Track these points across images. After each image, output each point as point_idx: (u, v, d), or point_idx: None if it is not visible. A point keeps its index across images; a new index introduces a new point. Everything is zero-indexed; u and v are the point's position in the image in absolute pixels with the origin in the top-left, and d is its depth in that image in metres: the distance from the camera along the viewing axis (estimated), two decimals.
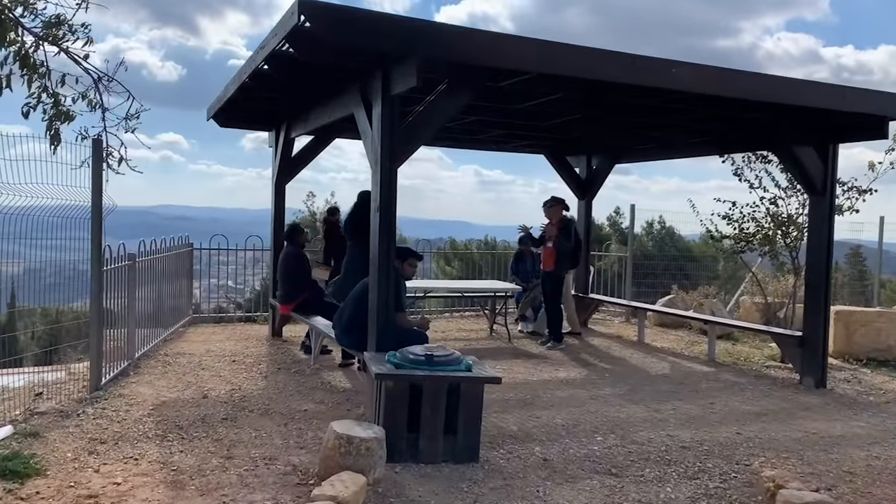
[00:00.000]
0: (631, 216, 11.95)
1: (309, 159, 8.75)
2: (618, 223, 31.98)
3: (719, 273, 16.74)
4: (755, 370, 7.89)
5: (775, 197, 8.78)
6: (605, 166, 10.24)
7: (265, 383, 6.37)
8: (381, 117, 5.06)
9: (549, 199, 8.73)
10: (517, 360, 7.88)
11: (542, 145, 10.01)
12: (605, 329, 10.45)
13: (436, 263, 15.35)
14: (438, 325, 10.31)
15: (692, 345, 9.38)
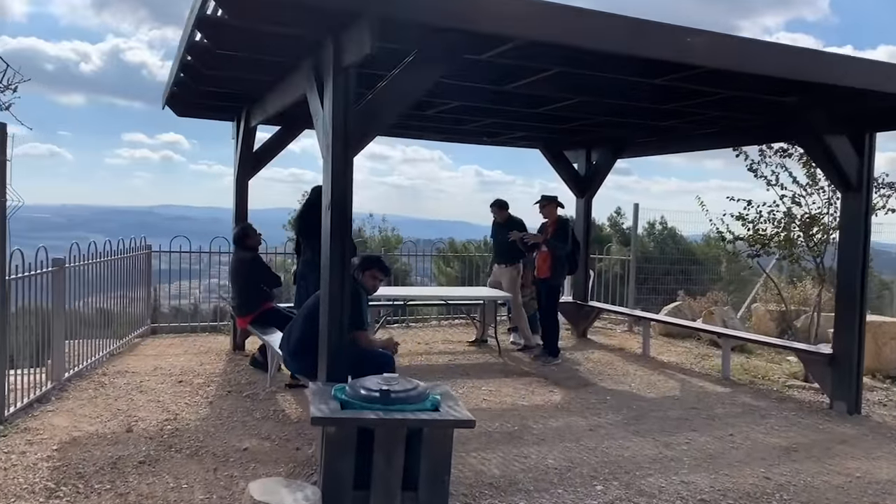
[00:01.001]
0: (634, 216, 11.04)
1: (274, 152, 7.82)
2: (618, 223, 31.08)
3: (722, 275, 15.82)
4: (776, 391, 6.96)
5: (796, 195, 7.85)
6: (606, 161, 9.31)
7: (208, 411, 5.44)
8: (334, 95, 4.14)
9: (542, 198, 7.85)
10: (507, 379, 6.95)
11: (537, 138, 9.09)
12: (606, 340, 9.52)
13: (435, 265, 14.45)
14: (423, 335, 9.39)
15: (702, 359, 8.46)
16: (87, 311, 7.10)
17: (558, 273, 7.74)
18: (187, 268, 9.38)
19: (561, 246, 7.56)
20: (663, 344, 9.35)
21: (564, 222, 7.83)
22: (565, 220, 7.90)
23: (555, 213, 7.80)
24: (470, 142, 9.62)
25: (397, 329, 9.85)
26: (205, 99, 6.95)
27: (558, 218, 7.82)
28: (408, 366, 7.38)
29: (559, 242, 7.56)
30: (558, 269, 7.69)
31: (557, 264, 7.63)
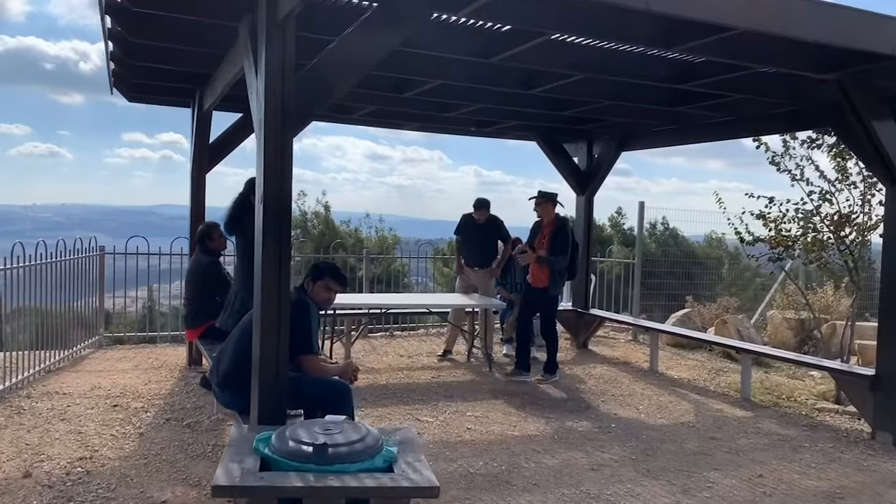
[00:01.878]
0: (639, 216, 10.12)
1: (235, 143, 6.93)
2: (620, 224, 30.19)
3: (723, 276, 14.93)
4: (805, 415, 6.06)
5: (825, 191, 6.97)
6: (609, 154, 8.42)
7: (134, 446, 4.55)
8: (268, 57, 3.26)
9: (539, 194, 6.86)
10: (496, 402, 6.06)
11: (533, 128, 8.18)
12: (609, 351, 8.63)
13: (434, 266, 13.61)
14: (407, 345, 8.49)
15: (716, 374, 7.57)
16: (23, 320, 6.25)
17: (557, 282, 6.74)
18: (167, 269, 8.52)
19: (560, 259, 6.54)
20: (672, 356, 8.46)
21: (563, 224, 6.74)
22: (565, 222, 6.81)
23: (552, 213, 6.78)
24: (456, 131, 8.72)
25: (380, 339, 8.96)
26: (151, 79, 6.07)
27: (556, 218, 6.77)
28: (385, 385, 6.49)
29: (558, 254, 6.54)
30: (557, 277, 6.70)
31: (557, 272, 6.67)
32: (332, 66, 3.36)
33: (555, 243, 6.57)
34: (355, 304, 7.06)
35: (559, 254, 6.54)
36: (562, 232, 6.63)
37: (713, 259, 16.04)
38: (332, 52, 3.36)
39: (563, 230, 6.66)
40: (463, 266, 7.86)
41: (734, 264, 16.68)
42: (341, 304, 6.68)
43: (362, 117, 7.37)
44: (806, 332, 9.44)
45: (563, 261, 6.57)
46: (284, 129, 3.27)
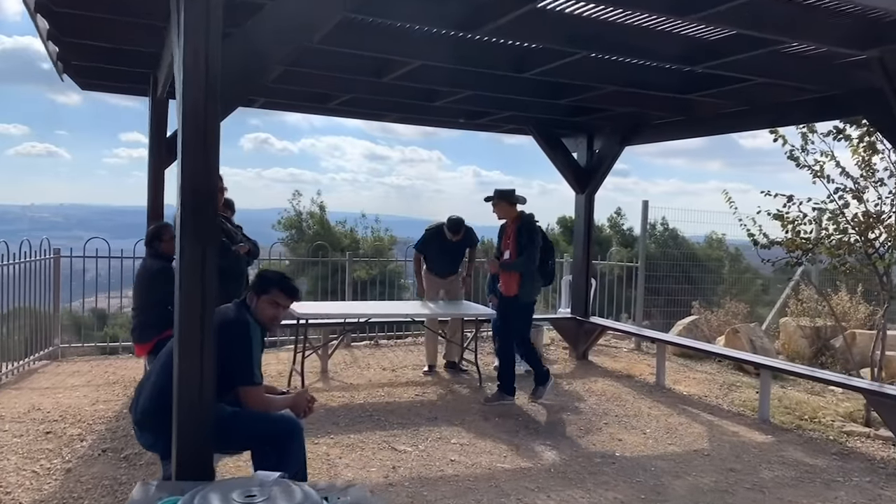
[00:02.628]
0: (643, 216, 9.43)
1: None
2: (619, 224, 29.56)
3: (727, 278, 14.25)
4: (833, 440, 5.39)
5: (855, 189, 6.29)
6: (612, 149, 7.74)
7: (56, 485, 3.88)
8: (187, 21, 2.58)
9: (495, 192, 6.01)
10: (485, 425, 5.38)
11: (528, 119, 7.50)
12: (611, 362, 7.95)
13: None
14: (393, 356, 7.82)
15: (728, 389, 6.89)
16: None
17: (529, 288, 5.88)
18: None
19: (525, 260, 5.76)
20: (679, 368, 7.78)
21: (526, 222, 5.90)
22: (528, 219, 5.94)
23: (511, 212, 5.94)
24: (445, 123, 8.04)
25: (363, 349, 8.29)
26: (95, 60, 5.39)
27: (520, 216, 5.94)
28: (362, 404, 5.81)
29: (523, 259, 5.75)
30: (528, 282, 5.85)
31: (527, 278, 5.85)
32: (266, 31, 2.70)
33: (518, 244, 5.82)
34: (328, 314, 6.35)
35: (528, 253, 5.77)
36: (524, 230, 5.83)
37: (715, 261, 15.40)
38: (266, 13, 2.70)
39: (526, 228, 5.84)
40: (425, 279, 7.21)
41: (735, 266, 16.03)
42: (313, 313, 6.01)
43: (340, 106, 6.70)
44: (822, 342, 8.77)
45: (528, 262, 5.77)
46: (207, 103, 2.60)
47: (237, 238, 4.45)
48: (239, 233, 4.55)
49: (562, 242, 24.51)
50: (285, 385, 6.30)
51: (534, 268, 5.83)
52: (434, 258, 7.14)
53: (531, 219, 5.97)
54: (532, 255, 5.78)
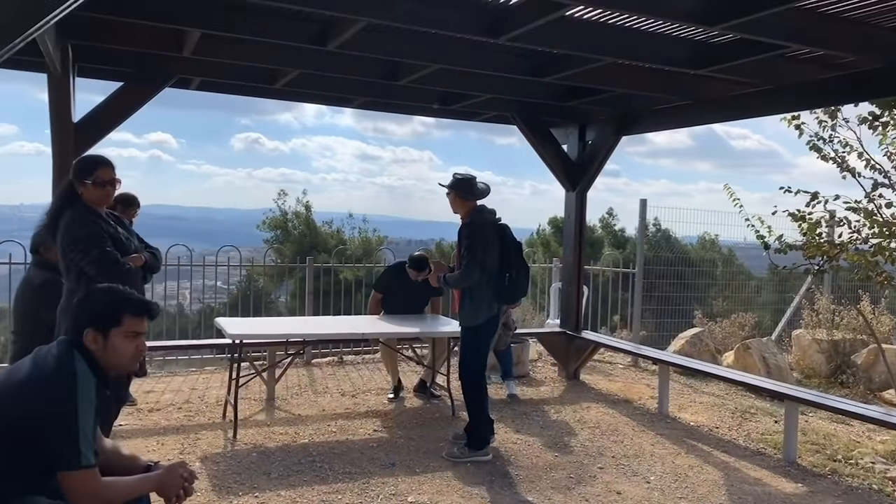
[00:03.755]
0: (641, 217, 8.45)
1: (117, 117, 5.23)
2: (611, 225, 28.69)
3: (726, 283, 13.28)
4: (878, 490, 4.43)
5: (891, 184, 5.35)
6: (606, 140, 6.77)
7: None
8: None
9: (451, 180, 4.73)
10: (454, 472, 4.38)
11: (511, 105, 6.52)
12: (606, 383, 6.98)
13: None
14: (357, 377, 6.82)
15: (742, 418, 5.94)
16: None
17: (470, 310, 4.56)
18: None
19: (468, 272, 4.43)
20: (683, 390, 6.82)
21: (472, 222, 4.56)
22: (476, 218, 4.58)
23: (464, 207, 4.62)
24: (414, 109, 7.04)
25: (325, 368, 7.28)
26: None
27: (470, 213, 4.63)
28: (307, 444, 4.80)
29: (467, 264, 4.43)
30: (475, 300, 4.53)
31: (468, 296, 4.56)
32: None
33: (460, 250, 4.55)
34: (265, 335, 5.29)
35: (468, 263, 4.41)
36: (465, 232, 4.52)
37: (709, 263, 14.43)
38: None
39: (471, 230, 4.50)
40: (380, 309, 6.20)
41: (728, 268, 15.07)
42: (247, 334, 4.99)
43: (288, 87, 5.70)
44: (841, 357, 7.84)
45: (465, 275, 4.47)
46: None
47: (130, 247, 3.46)
48: (133, 240, 3.55)
49: (553, 243, 23.60)
50: (219, 416, 5.29)
51: (472, 280, 4.45)
52: (393, 301, 6.09)
53: (480, 216, 4.58)
54: (470, 268, 4.41)
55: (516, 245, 4.66)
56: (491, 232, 4.59)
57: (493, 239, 4.56)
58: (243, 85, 5.91)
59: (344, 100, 6.45)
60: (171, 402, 5.79)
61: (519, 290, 4.66)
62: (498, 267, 4.54)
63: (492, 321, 4.59)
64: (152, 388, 6.30)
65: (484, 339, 4.62)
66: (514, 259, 4.60)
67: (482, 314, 4.56)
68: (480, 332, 4.60)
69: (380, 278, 6.24)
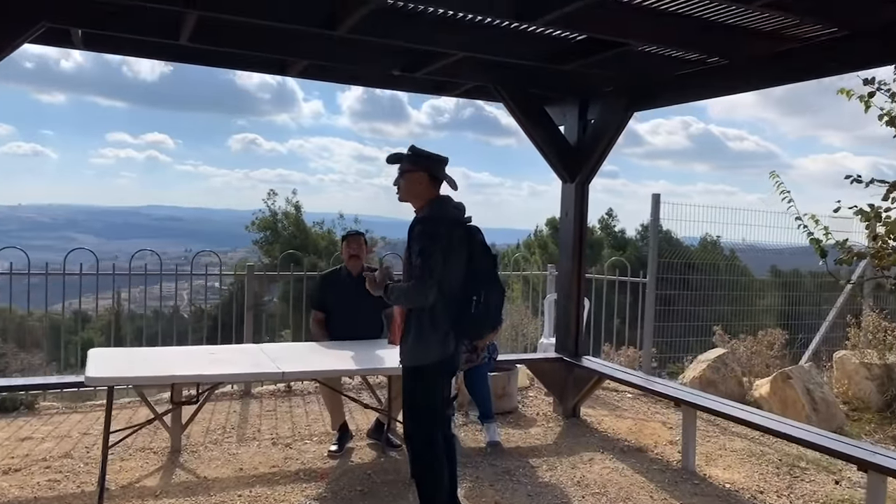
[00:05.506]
0: (653, 216, 7.04)
1: None
2: (611, 226, 27.35)
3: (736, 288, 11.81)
4: None
5: None
6: (614, 117, 5.38)
7: None
8: None
9: (401, 154, 3.38)
10: None
11: (491, 71, 5.12)
12: (612, 422, 5.60)
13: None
14: (299, 415, 5.44)
15: (792, 475, 4.56)
16: None
17: (426, 341, 3.17)
18: None
19: (418, 288, 3.09)
20: (709, 430, 5.44)
21: (427, 218, 3.23)
22: (437, 212, 3.25)
23: (423, 195, 3.28)
24: (367, 78, 5.62)
25: (268, 398, 5.90)
26: None
27: (429, 204, 3.28)
28: None
29: (416, 276, 3.10)
30: (425, 331, 3.16)
31: (425, 321, 3.16)
32: None
33: (409, 256, 3.20)
34: (140, 377, 3.79)
35: (420, 275, 3.08)
36: (422, 232, 3.15)
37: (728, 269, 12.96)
38: None
39: (427, 229, 3.15)
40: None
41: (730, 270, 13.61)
42: (118, 378, 3.60)
43: (194, 44, 4.31)
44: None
45: (423, 292, 3.08)
46: None
47: None
48: None
49: (551, 245, 22.23)
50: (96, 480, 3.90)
51: (424, 301, 3.09)
52: (338, 320, 4.71)
53: (443, 210, 3.24)
54: (423, 283, 3.06)
55: (489, 256, 3.28)
56: (456, 234, 3.21)
57: (457, 244, 3.19)
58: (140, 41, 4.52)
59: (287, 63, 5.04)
60: (46, 455, 4.40)
61: (488, 320, 3.26)
62: (461, 285, 3.16)
63: (445, 364, 3.21)
64: (35, 431, 4.92)
65: (432, 388, 3.23)
66: (483, 275, 3.21)
67: (432, 351, 3.16)
68: (427, 377, 3.20)
69: (312, 290, 4.87)
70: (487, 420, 4.92)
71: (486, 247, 3.27)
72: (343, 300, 4.65)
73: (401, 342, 3.26)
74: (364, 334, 4.65)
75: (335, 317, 4.77)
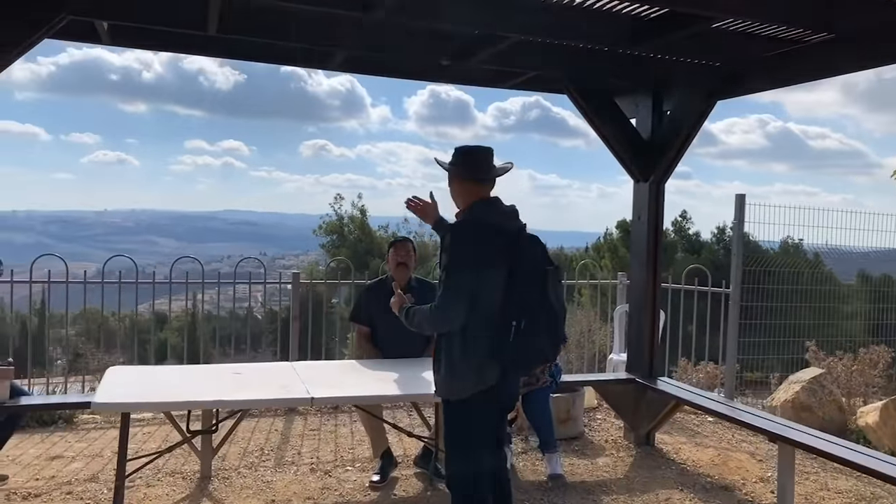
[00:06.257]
0: (737, 218, 6.27)
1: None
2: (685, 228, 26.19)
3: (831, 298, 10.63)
4: None
5: None
6: (694, 107, 4.74)
7: None
8: None
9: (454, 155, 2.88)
10: None
11: (553, 59, 4.58)
12: (690, 451, 4.95)
13: None
14: (344, 436, 5.03)
15: None
16: None
17: (460, 371, 2.68)
18: None
19: (423, 315, 2.75)
20: (805, 463, 4.71)
21: (466, 222, 2.77)
22: (476, 215, 2.76)
23: (463, 196, 2.84)
24: (418, 73, 5.13)
25: (313, 415, 5.52)
26: None
27: (470, 207, 2.80)
28: None
29: (424, 309, 2.76)
30: (457, 360, 2.67)
31: (455, 348, 2.67)
32: None
33: (450, 254, 2.68)
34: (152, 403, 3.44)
35: (444, 292, 2.65)
36: (452, 240, 2.70)
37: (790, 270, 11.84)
38: None
39: (457, 236, 2.71)
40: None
41: (815, 278, 12.41)
42: (117, 402, 3.23)
43: (220, 35, 3.95)
44: None
45: (447, 313, 2.63)
46: None
47: None
48: None
49: (621, 249, 21.31)
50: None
51: (448, 324, 2.65)
52: (383, 336, 4.28)
53: (485, 213, 2.74)
54: (447, 301, 2.62)
55: (538, 273, 2.68)
56: (496, 242, 2.67)
57: (497, 256, 2.65)
58: (167, 35, 4.20)
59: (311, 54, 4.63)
60: (71, 478, 4.12)
61: (532, 351, 2.67)
62: (501, 308, 2.62)
63: (485, 397, 2.68)
64: (67, 448, 4.67)
65: (470, 425, 2.72)
66: (528, 295, 2.63)
67: (466, 383, 2.67)
68: (465, 413, 2.71)
69: (356, 303, 4.46)
70: (549, 450, 4.36)
71: (537, 261, 2.71)
72: (389, 313, 4.19)
73: (433, 369, 2.78)
74: (412, 352, 4.20)
75: (380, 332, 4.34)
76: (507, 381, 2.71)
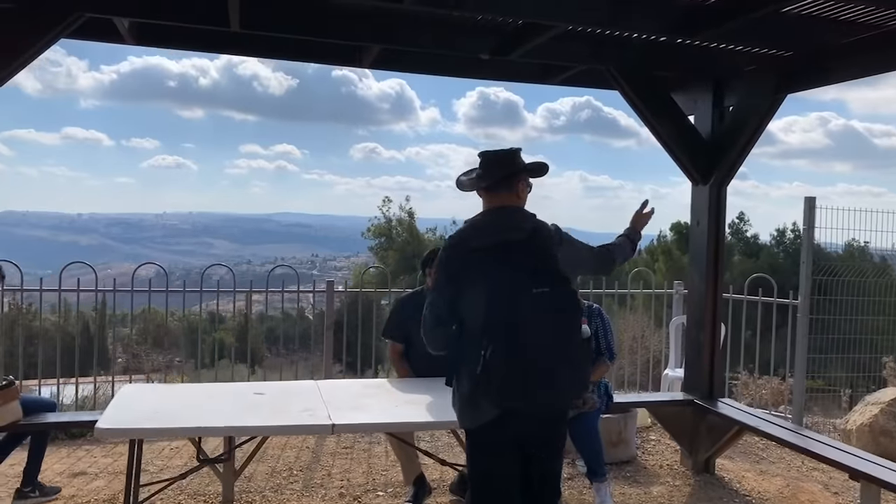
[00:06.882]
0: (807, 222, 5.72)
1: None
2: (742, 230, 25.39)
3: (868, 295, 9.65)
4: None
5: None
6: (759, 102, 4.29)
7: None
8: None
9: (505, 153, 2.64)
10: None
11: (609, 58, 4.19)
12: (755, 478, 4.50)
13: None
14: (377, 456, 4.74)
15: None
16: None
17: (454, 394, 2.50)
18: None
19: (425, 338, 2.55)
20: (887, 497, 4.21)
21: (446, 244, 2.59)
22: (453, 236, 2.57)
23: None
24: (451, 69, 4.78)
25: (345, 436, 5.25)
26: None
27: None
28: None
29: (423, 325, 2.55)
30: (450, 380, 2.50)
31: (453, 369, 2.48)
32: None
33: None
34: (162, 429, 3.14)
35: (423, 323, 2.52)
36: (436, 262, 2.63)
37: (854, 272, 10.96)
38: None
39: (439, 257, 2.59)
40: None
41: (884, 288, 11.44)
42: (124, 427, 2.98)
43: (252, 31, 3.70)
44: None
45: (426, 336, 2.53)
46: None
47: None
48: None
49: (675, 252, 20.55)
50: None
51: (434, 347, 2.53)
52: (417, 353, 3.91)
53: (473, 227, 2.52)
54: (424, 326, 2.51)
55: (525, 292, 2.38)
56: (488, 259, 2.40)
57: (486, 272, 2.38)
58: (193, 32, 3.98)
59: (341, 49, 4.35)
60: (91, 497, 3.94)
61: (507, 385, 2.34)
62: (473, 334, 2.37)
63: (494, 428, 2.37)
64: (92, 464, 4.51)
65: (481, 457, 2.46)
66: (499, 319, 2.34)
67: (465, 413, 2.45)
68: (472, 447, 2.50)
69: (389, 316, 4.16)
70: (598, 479, 3.96)
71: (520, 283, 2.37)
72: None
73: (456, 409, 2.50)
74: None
75: (415, 349, 4.01)
76: (513, 417, 2.35)
